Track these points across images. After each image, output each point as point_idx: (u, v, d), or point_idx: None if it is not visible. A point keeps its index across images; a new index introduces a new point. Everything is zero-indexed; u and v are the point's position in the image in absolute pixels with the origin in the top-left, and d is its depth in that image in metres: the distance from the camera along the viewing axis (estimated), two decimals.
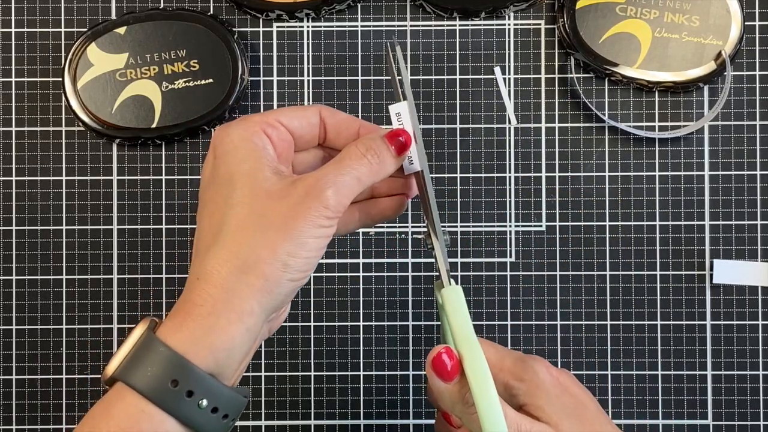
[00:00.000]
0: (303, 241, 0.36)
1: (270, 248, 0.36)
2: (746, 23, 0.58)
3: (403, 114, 0.40)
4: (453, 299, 0.40)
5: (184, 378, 0.35)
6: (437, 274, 0.41)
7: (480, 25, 0.59)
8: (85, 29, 0.58)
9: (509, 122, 0.59)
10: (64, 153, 0.59)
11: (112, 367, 0.36)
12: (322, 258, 0.58)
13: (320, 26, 0.59)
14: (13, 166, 0.59)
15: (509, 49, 0.59)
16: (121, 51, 0.57)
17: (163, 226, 0.59)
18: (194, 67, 0.57)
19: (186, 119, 0.57)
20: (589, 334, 0.58)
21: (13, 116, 0.59)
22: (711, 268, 0.58)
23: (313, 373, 0.59)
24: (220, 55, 0.57)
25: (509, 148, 0.59)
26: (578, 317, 0.58)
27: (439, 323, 0.47)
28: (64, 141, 0.59)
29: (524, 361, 0.43)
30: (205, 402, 0.35)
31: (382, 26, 0.59)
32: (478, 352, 0.38)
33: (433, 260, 0.58)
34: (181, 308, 0.36)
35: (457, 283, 0.41)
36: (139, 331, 0.36)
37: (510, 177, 0.59)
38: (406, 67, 0.59)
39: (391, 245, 0.59)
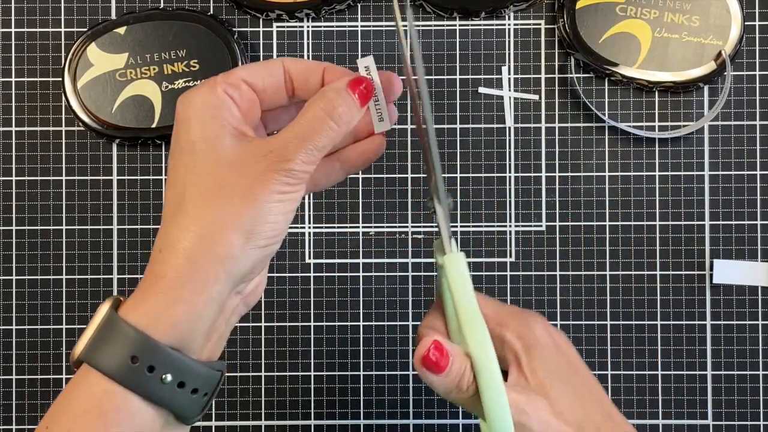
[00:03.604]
0: (268, 207, 0.36)
1: (235, 215, 0.35)
2: (746, 23, 0.58)
3: (371, 67, 0.39)
4: (454, 269, 0.39)
5: (144, 353, 0.34)
6: (437, 231, 0.40)
7: (480, 25, 0.59)
8: (85, 29, 0.58)
9: (511, 121, 0.59)
10: (64, 153, 0.59)
11: (77, 349, 0.36)
12: (322, 258, 0.58)
13: (320, 26, 0.59)
14: (13, 166, 0.59)
15: (509, 49, 0.59)
16: (121, 51, 0.57)
17: None
18: (194, 67, 0.57)
19: None
20: (589, 334, 0.58)
21: (13, 116, 0.59)
22: (711, 268, 0.58)
23: (313, 373, 0.59)
24: (220, 55, 0.57)
25: (509, 148, 0.59)
26: (578, 317, 0.58)
27: (436, 276, 0.45)
28: (64, 141, 0.59)
29: (523, 318, 0.42)
30: (169, 377, 0.35)
31: (382, 26, 0.59)
32: (485, 341, 0.38)
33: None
34: (143, 282, 0.36)
35: (458, 248, 0.39)
36: (102, 311, 0.36)
37: (510, 177, 0.59)
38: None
39: (391, 245, 0.59)
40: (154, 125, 0.57)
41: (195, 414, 0.37)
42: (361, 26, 0.59)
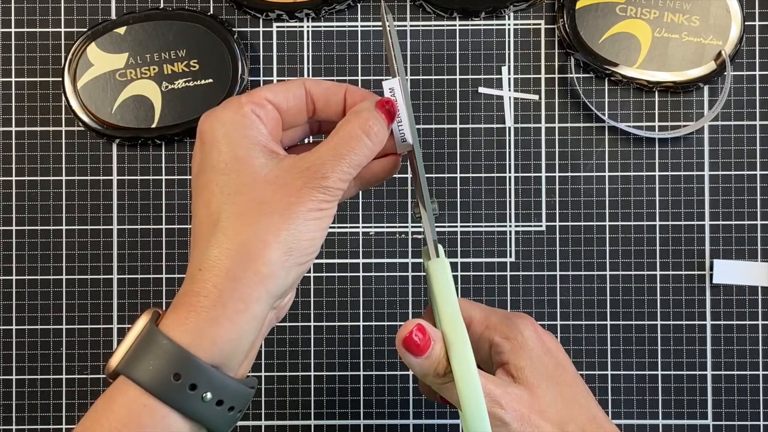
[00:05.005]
0: (306, 224, 0.36)
1: (274, 233, 0.35)
2: (746, 23, 0.58)
3: (396, 90, 0.40)
4: (439, 273, 0.40)
5: (187, 371, 0.34)
6: (424, 238, 0.41)
7: (480, 25, 0.59)
8: (85, 29, 0.58)
9: (511, 122, 0.59)
10: (64, 153, 0.59)
11: (114, 360, 0.36)
12: (322, 258, 0.58)
13: (320, 26, 0.59)
14: (13, 166, 0.59)
15: (509, 49, 0.59)
16: (121, 51, 0.57)
17: (163, 226, 0.59)
18: (194, 67, 0.57)
19: (186, 119, 0.57)
20: (589, 334, 0.58)
21: (13, 116, 0.59)
22: (711, 268, 0.58)
23: (313, 373, 0.59)
24: (220, 55, 0.57)
25: (509, 148, 0.59)
26: (578, 317, 0.58)
27: (427, 287, 0.47)
28: (64, 141, 0.59)
29: (510, 319, 0.43)
30: (209, 395, 0.35)
31: (381, 26, 0.59)
32: (462, 333, 0.39)
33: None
34: (183, 301, 0.36)
35: (445, 254, 0.40)
36: (141, 323, 0.36)
37: (510, 177, 0.59)
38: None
39: (391, 245, 0.59)
40: (154, 125, 0.57)
41: (227, 430, 0.37)
42: (361, 26, 0.59)
